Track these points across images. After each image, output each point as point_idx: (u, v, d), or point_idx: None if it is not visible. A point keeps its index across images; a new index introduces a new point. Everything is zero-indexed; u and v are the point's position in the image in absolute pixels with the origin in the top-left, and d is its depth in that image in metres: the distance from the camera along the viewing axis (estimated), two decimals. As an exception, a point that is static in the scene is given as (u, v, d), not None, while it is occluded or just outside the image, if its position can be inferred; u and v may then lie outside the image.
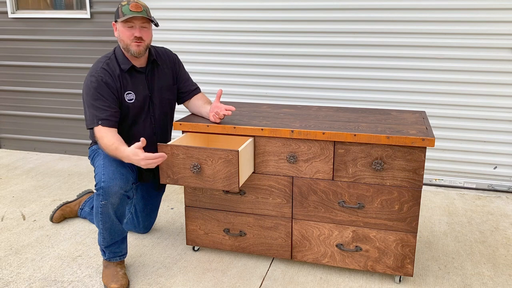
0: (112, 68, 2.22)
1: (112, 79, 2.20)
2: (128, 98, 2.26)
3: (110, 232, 2.18)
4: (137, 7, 2.15)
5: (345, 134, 2.05)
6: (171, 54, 2.46)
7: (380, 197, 2.10)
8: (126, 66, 2.24)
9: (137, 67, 2.29)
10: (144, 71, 2.31)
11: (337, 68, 3.46)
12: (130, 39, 2.18)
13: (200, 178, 2.05)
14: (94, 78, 2.18)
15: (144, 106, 2.32)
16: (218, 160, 2.00)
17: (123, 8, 2.16)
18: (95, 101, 2.17)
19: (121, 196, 2.13)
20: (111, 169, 2.11)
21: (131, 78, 2.27)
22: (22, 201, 3.20)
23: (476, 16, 3.12)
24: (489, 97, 3.24)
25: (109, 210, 2.13)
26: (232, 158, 1.97)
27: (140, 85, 2.30)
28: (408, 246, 2.13)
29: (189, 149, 2.02)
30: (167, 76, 2.41)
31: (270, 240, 2.33)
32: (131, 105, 2.27)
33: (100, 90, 2.17)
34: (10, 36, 4.09)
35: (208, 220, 2.40)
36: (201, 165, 2.03)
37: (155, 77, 2.35)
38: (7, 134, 4.38)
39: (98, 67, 2.21)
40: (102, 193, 2.10)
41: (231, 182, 2.01)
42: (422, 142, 1.97)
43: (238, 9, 3.56)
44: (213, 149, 1.98)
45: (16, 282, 2.24)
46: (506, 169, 3.33)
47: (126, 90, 2.25)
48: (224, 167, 2.00)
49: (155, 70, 2.36)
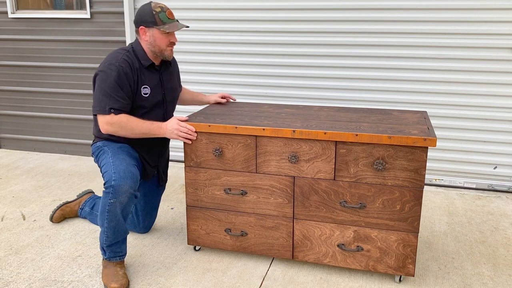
0: (131, 61, 2.28)
1: (131, 71, 2.26)
2: (144, 92, 2.32)
3: (114, 231, 2.19)
4: (172, 15, 2.31)
5: (346, 134, 2.05)
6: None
7: (382, 197, 2.11)
8: (147, 62, 2.33)
9: (155, 66, 2.38)
10: (158, 69, 2.41)
11: (337, 68, 3.47)
12: (167, 45, 2.31)
13: (221, 161, 2.24)
14: (114, 67, 2.21)
15: (158, 102, 2.39)
16: (237, 144, 2.18)
17: (160, 15, 2.26)
18: (111, 90, 2.20)
19: (130, 195, 2.15)
20: (122, 168, 2.14)
21: (147, 74, 2.35)
22: (22, 201, 3.20)
23: (476, 16, 3.13)
24: (489, 97, 3.25)
25: (116, 209, 2.14)
26: (251, 142, 2.20)
27: (155, 82, 2.38)
28: (410, 246, 2.13)
29: (211, 135, 2.26)
30: (175, 78, 2.55)
31: (272, 240, 2.33)
32: (146, 99, 2.33)
33: (119, 80, 2.21)
34: (10, 36, 4.08)
35: (209, 220, 2.40)
36: (222, 149, 2.22)
37: (169, 77, 2.47)
38: (7, 134, 4.37)
39: (118, 57, 2.25)
40: (112, 191, 2.10)
41: (249, 164, 2.24)
42: (424, 142, 1.97)
43: (238, 9, 3.56)
44: (233, 135, 2.22)
45: (16, 282, 2.23)
46: (506, 169, 3.34)
47: (143, 84, 2.32)
48: (243, 151, 2.20)
49: (168, 70, 2.48)
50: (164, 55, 2.34)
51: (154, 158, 2.49)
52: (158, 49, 2.31)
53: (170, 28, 2.27)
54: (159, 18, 2.25)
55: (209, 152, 2.29)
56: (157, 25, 2.25)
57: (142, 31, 2.29)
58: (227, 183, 2.31)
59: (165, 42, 2.30)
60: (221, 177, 2.31)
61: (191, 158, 2.33)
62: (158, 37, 2.28)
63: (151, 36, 2.28)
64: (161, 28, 2.26)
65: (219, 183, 2.32)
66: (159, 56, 2.34)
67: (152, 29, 2.27)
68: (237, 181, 2.29)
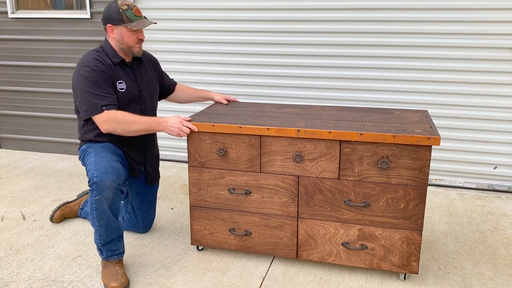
0: (103, 59, 2.30)
1: (105, 68, 2.28)
2: (120, 87, 2.34)
3: (106, 228, 2.17)
4: (139, 12, 2.32)
5: (351, 133, 2.06)
6: (150, 54, 2.62)
7: (386, 195, 2.11)
8: (117, 59, 2.35)
9: (126, 62, 2.40)
10: (131, 65, 2.42)
11: (337, 68, 3.48)
12: (135, 42, 2.33)
13: (225, 160, 2.24)
14: (88, 68, 2.23)
15: (134, 98, 2.40)
16: (242, 144, 2.17)
17: (127, 13, 2.28)
18: (93, 89, 2.22)
19: (115, 190, 2.14)
20: (103, 164, 2.14)
21: (120, 70, 2.37)
22: (22, 201, 3.18)
23: (476, 16, 3.15)
24: (489, 97, 3.27)
25: (103, 205, 2.13)
26: (255, 142, 2.19)
27: (128, 78, 2.39)
28: (414, 244, 2.14)
29: (215, 135, 2.25)
30: (151, 74, 2.55)
31: (276, 239, 2.33)
32: (122, 94, 2.34)
33: (97, 78, 2.23)
34: (10, 36, 4.07)
35: (213, 220, 2.39)
36: (226, 149, 2.21)
37: (142, 73, 2.48)
38: (7, 134, 4.35)
39: (89, 58, 2.28)
40: (96, 188, 2.10)
41: (253, 164, 2.24)
42: (428, 140, 1.98)
43: (238, 9, 3.56)
44: (237, 134, 2.21)
45: (16, 282, 2.22)
46: (506, 169, 3.35)
47: (118, 79, 2.34)
48: (247, 151, 2.19)
49: (141, 66, 2.49)
50: (133, 52, 2.35)
51: (139, 155, 2.49)
52: (127, 46, 2.33)
53: (137, 25, 2.28)
54: (126, 16, 2.27)
55: (213, 152, 2.29)
56: (124, 23, 2.27)
57: (109, 29, 2.31)
58: (231, 183, 2.31)
59: (132, 40, 2.31)
60: (225, 177, 2.31)
61: (194, 158, 2.33)
62: (125, 35, 2.30)
63: (119, 33, 2.30)
64: (128, 26, 2.27)
65: (223, 183, 2.32)
66: (128, 53, 2.36)
67: (119, 27, 2.29)
68: (241, 181, 2.29)
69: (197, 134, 2.29)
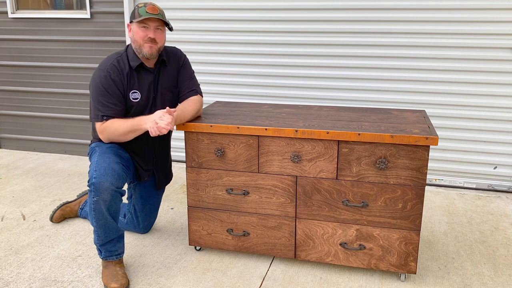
0: (122, 65, 2.25)
1: (120, 77, 2.23)
2: (133, 97, 2.28)
3: (104, 229, 2.17)
4: (153, 10, 2.19)
5: (349, 134, 2.06)
6: (180, 54, 2.45)
7: (384, 195, 2.11)
8: (135, 63, 2.26)
9: (146, 66, 2.30)
10: (153, 71, 2.33)
11: (337, 68, 3.47)
12: (144, 40, 2.21)
13: (223, 161, 2.25)
14: (102, 73, 2.21)
15: (147, 106, 2.34)
16: (240, 144, 2.19)
17: (139, 10, 2.20)
18: (100, 96, 2.21)
19: (113, 192, 2.12)
20: (103, 166, 2.13)
21: (138, 76, 2.29)
22: (22, 201, 3.19)
23: (476, 16, 3.14)
24: (489, 97, 3.26)
25: (101, 207, 2.12)
26: (253, 142, 2.19)
27: (146, 85, 2.31)
28: (412, 244, 2.13)
29: (213, 135, 2.25)
30: (172, 77, 2.41)
31: (274, 240, 2.33)
32: (136, 104, 2.30)
33: (107, 86, 2.20)
34: (10, 36, 4.08)
35: (211, 221, 2.39)
36: (224, 149, 2.22)
37: (162, 78, 2.37)
38: (7, 134, 4.36)
39: (108, 63, 2.24)
40: (93, 189, 2.10)
41: (251, 164, 2.24)
42: (426, 140, 1.97)
43: (238, 9, 3.56)
44: (235, 135, 2.21)
45: (16, 282, 2.23)
46: (506, 169, 3.35)
47: (132, 89, 2.28)
48: (245, 151, 2.20)
49: (163, 71, 2.37)
50: (143, 52, 2.22)
51: (147, 162, 2.46)
52: (137, 45, 2.23)
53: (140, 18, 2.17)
54: (138, 12, 2.19)
55: (210, 152, 2.29)
56: (135, 18, 2.20)
57: (129, 29, 2.28)
58: (229, 183, 2.31)
59: (141, 36, 2.20)
60: (223, 177, 2.31)
61: (192, 158, 2.33)
62: (135, 32, 2.22)
63: (132, 32, 2.25)
64: (135, 20, 2.19)
65: (221, 183, 2.32)
66: (139, 53, 2.24)
67: (132, 24, 2.24)
68: (239, 181, 2.29)
69: (195, 135, 2.29)
